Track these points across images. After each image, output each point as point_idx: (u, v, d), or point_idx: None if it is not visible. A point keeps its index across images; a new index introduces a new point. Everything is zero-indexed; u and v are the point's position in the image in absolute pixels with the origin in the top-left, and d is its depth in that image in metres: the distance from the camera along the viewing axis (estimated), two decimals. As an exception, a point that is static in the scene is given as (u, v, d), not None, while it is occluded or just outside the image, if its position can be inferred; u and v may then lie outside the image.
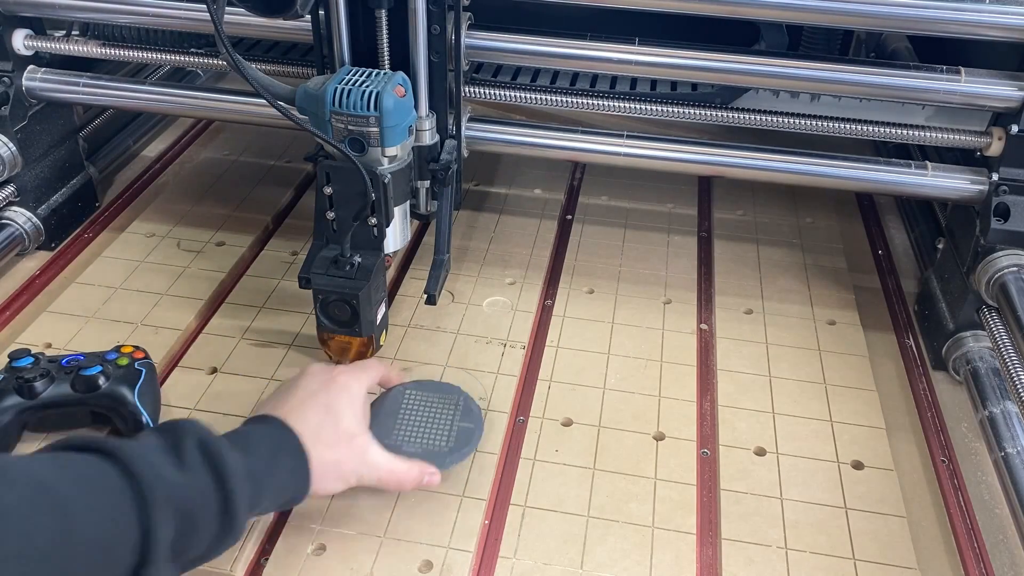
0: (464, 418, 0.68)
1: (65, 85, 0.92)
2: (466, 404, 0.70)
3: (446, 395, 0.71)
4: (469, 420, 0.68)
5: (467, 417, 0.69)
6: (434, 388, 0.71)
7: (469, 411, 0.69)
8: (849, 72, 0.80)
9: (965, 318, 0.80)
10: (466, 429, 0.68)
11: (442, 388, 0.72)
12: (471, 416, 0.69)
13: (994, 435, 0.71)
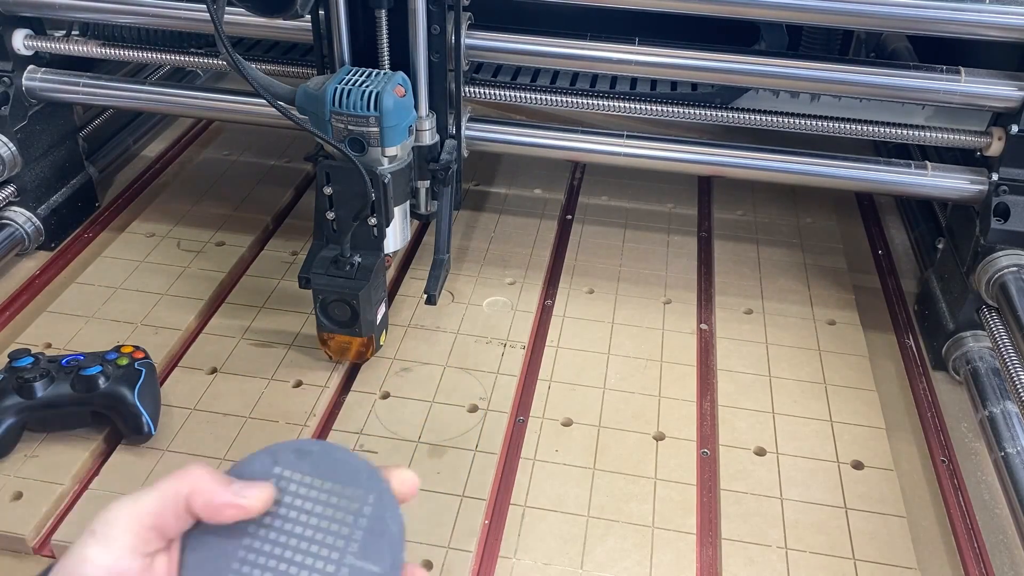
0: (367, 547, 0.36)
1: (65, 85, 0.92)
2: (377, 513, 0.37)
3: (346, 491, 0.37)
4: (375, 553, 0.36)
5: (372, 545, 0.36)
6: (328, 473, 0.38)
7: (379, 531, 0.36)
8: (849, 72, 0.80)
9: (965, 318, 0.80)
10: (367, 574, 0.36)
11: (341, 474, 0.38)
12: (381, 542, 0.36)
13: (994, 435, 0.71)
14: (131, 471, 0.68)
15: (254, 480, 0.36)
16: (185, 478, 0.35)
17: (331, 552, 0.36)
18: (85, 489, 0.66)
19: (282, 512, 0.36)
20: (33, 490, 0.66)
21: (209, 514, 0.35)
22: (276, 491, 0.36)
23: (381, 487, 0.37)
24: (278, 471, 0.37)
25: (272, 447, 0.38)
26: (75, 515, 0.64)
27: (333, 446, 0.38)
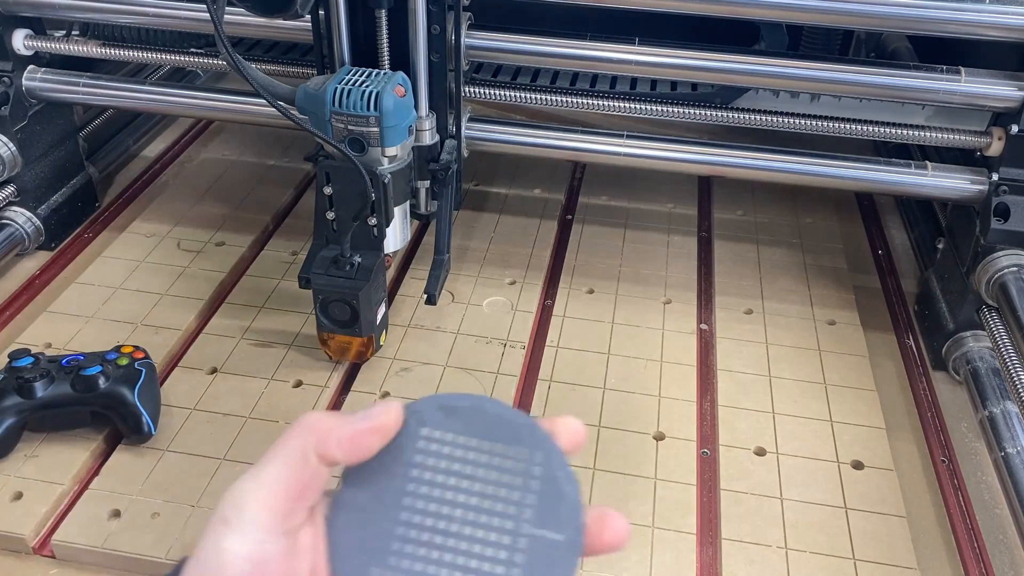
0: (544, 513, 0.32)
1: (65, 85, 0.92)
2: (548, 474, 0.32)
3: (509, 451, 0.33)
4: (554, 520, 0.32)
5: (550, 511, 0.32)
6: (483, 431, 0.33)
7: (554, 494, 0.32)
8: (849, 72, 0.80)
9: (965, 318, 0.80)
10: (547, 545, 0.31)
11: (499, 432, 0.33)
12: (559, 507, 0.32)
13: (994, 435, 0.71)
14: (131, 471, 0.68)
15: (399, 444, 0.32)
16: (303, 430, 0.31)
17: (504, 521, 0.31)
18: (85, 489, 0.66)
19: (439, 480, 0.32)
20: (33, 490, 0.66)
21: (348, 450, 0.31)
22: (422, 445, 0.32)
23: (548, 443, 0.32)
24: (426, 432, 0.32)
25: (413, 405, 0.33)
26: (75, 515, 0.64)
27: (483, 398, 0.33)
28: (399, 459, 0.32)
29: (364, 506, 0.31)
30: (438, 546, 0.31)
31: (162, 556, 0.61)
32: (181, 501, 0.65)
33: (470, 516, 0.31)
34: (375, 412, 0.31)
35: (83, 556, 0.62)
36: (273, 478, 0.30)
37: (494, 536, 0.31)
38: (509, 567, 0.31)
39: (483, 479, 0.32)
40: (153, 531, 0.63)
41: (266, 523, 0.29)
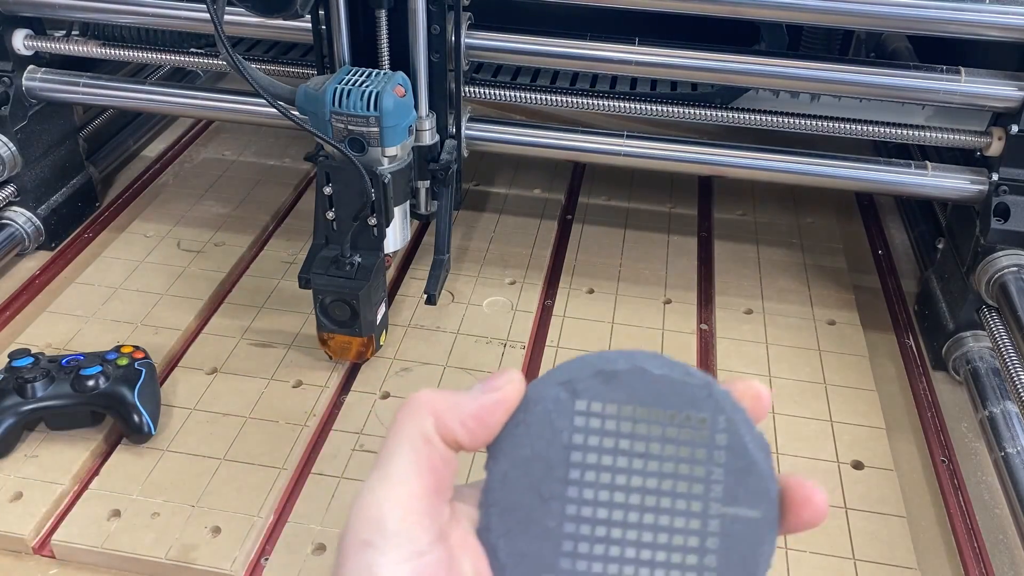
0: (735, 487, 0.28)
1: (65, 85, 0.92)
2: (735, 441, 0.28)
3: (686, 418, 0.28)
4: (747, 495, 0.27)
5: (741, 485, 0.28)
6: (651, 397, 0.28)
7: (744, 464, 0.28)
8: (849, 72, 0.79)
9: (965, 318, 0.80)
10: (743, 525, 0.27)
11: (670, 396, 0.28)
12: (751, 479, 0.28)
13: (994, 435, 0.71)
14: (131, 471, 0.67)
15: (552, 423, 0.27)
16: (418, 411, 0.26)
17: (690, 503, 0.27)
18: (85, 489, 0.66)
19: (607, 462, 0.27)
20: (33, 490, 0.66)
21: (474, 430, 0.26)
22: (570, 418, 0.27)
23: (730, 404, 0.28)
24: (583, 406, 0.27)
25: (560, 372, 0.28)
26: (75, 515, 0.64)
27: (641, 355, 0.28)
28: (555, 442, 0.27)
29: (520, 504, 0.27)
30: (616, 541, 0.27)
31: (162, 556, 0.61)
32: (181, 501, 0.65)
33: (649, 501, 0.27)
34: (496, 383, 0.27)
35: (83, 556, 0.62)
36: (405, 475, 0.25)
37: (680, 521, 0.27)
38: (702, 555, 0.27)
39: (659, 455, 0.27)
40: (153, 531, 0.63)
41: (416, 532, 0.25)
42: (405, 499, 0.25)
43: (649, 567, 0.27)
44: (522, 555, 0.27)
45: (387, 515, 0.25)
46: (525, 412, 0.27)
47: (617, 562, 0.27)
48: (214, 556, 0.61)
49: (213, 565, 0.61)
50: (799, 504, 0.27)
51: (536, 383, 0.28)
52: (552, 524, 0.27)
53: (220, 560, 0.61)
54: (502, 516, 0.27)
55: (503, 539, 0.27)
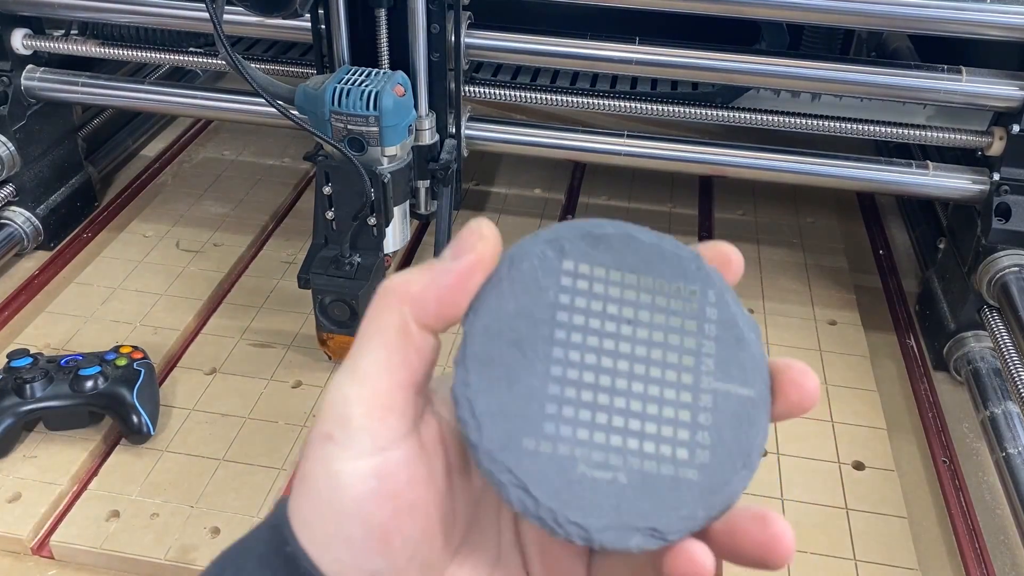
0: (726, 363, 0.26)
1: (64, 85, 0.91)
2: (726, 316, 0.26)
3: (677, 289, 0.26)
4: (739, 372, 0.26)
5: (733, 361, 0.26)
6: (641, 264, 0.27)
7: (735, 340, 0.26)
8: (850, 71, 0.79)
9: (966, 318, 0.80)
10: (736, 402, 0.26)
11: (659, 265, 0.27)
12: (743, 356, 0.26)
13: (995, 435, 0.71)
14: (130, 472, 0.67)
15: (538, 281, 0.25)
16: (393, 300, 0.25)
17: (681, 375, 0.25)
18: (84, 490, 0.66)
19: (595, 325, 0.25)
20: (31, 491, 0.65)
21: (452, 303, 0.24)
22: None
23: (719, 280, 0.26)
24: (570, 266, 0.25)
25: (548, 233, 0.26)
26: (74, 516, 0.64)
27: (631, 226, 0.27)
28: (541, 299, 0.25)
29: (503, 360, 0.24)
30: (604, 407, 0.24)
31: (161, 557, 0.61)
32: (180, 502, 0.65)
33: (639, 369, 0.25)
34: (466, 243, 0.25)
35: (82, 557, 0.62)
36: (375, 371, 0.24)
37: (671, 393, 0.25)
38: (694, 430, 0.25)
39: (648, 323, 0.25)
40: (152, 532, 0.63)
41: (381, 429, 0.24)
42: (371, 396, 0.24)
43: (638, 438, 0.25)
44: (502, 413, 0.24)
45: (351, 411, 0.24)
46: (509, 267, 0.25)
47: (604, 430, 0.24)
48: (213, 557, 0.61)
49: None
50: (788, 386, 0.26)
51: (521, 242, 0.26)
52: (536, 384, 0.24)
53: (219, 561, 0.61)
54: (481, 371, 0.24)
55: (483, 395, 0.24)
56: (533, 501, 0.24)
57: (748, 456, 0.25)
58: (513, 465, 0.24)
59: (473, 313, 0.25)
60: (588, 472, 0.24)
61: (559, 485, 0.24)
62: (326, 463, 0.24)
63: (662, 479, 0.24)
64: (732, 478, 0.25)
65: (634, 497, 0.24)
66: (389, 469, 0.24)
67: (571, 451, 0.24)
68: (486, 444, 0.24)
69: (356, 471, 0.24)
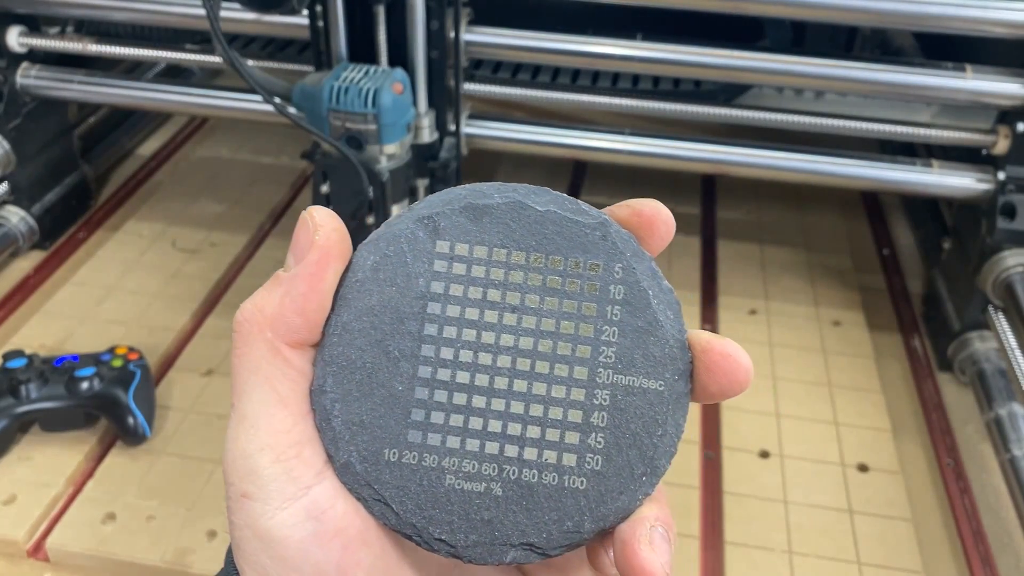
0: (631, 351, 0.23)
1: (60, 82, 0.91)
2: (634, 294, 0.24)
3: (574, 266, 0.23)
4: (646, 361, 0.23)
5: (640, 348, 0.23)
6: (532, 239, 0.23)
7: (645, 323, 0.23)
8: (853, 69, 0.79)
9: (971, 318, 0.79)
10: (640, 397, 0.23)
11: (555, 238, 0.23)
12: (652, 340, 0.23)
13: (1001, 437, 0.71)
14: (125, 473, 0.67)
15: (404, 267, 0.22)
16: (251, 329, 0.22)
17: (573, 368, 0.22)
18: (79, 492, 0.66)
19: (471, 316, 0.22)
20: (26, 493, 0.65)
21: (316, 310, 0.22)
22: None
23: (630, 247, 0.23)
24: (444, 248, 0.23)
25: (422, 206, 0.23)
26: (69, 518, 0.63)
27: (524, 189, 0.23)
28: (408, 290, 0.22)
29: (363, 363, 0.22)
30: (479, 411, 0.22)
31: (157, 560, 0.60)
32: (176, 504, 0.64)
33: (522, 365, 0.22)
34: (303, 240, 0.22)
35: (77, 560, 0.61)
36: (265, 410, 0.22)
37: (560, 390, 0.22)
38: (586, 432, 0.22)
39: (536, 310, 0.22)
40: (148, 535, 0.62)
41: (296, 466, 0.22)
42: (271, 438, 0.22)
43: (517, 443, 0.22)
44: (361, 424, 0.22)
45: (257, 462, 0.22)
46: (372, 255, 0.22)
47: (478, 436, 0.22)
48: (210, 560, 0.60)
49: (209, 570, 0.60)
50: (707, 373, 0.23)
51: (390, 220, 0.23)
52: (400, 388, 0.22)
53: (216, 565, 0.59)
54: (339, 376, 0.22)
55: (340, 403, 0.22)
56: (395, 516, 0.22)
57: (652, 460, 0.22)
58: (373, 479, 0.22)
59: (333, 311, 0.23)
60: (457, 484, 0.22)
61: (423, 499, 0.22)
62: (254, 524, 0.22)
63: (544, 489, 0.22)
64: (629, 485, 0.22)
65: (509, 510, 0.22)
66: (322, 505, 0.22)
67: (438, 461, 0.22)
68: (343, 456, 0.22)
69: (287, 521, 0.22)
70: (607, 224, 0.23)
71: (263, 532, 0.22)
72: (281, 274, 0.22)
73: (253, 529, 0.22)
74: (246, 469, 0.22)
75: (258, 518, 0.22)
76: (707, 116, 0.84)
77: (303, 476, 0.22)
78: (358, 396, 0.22)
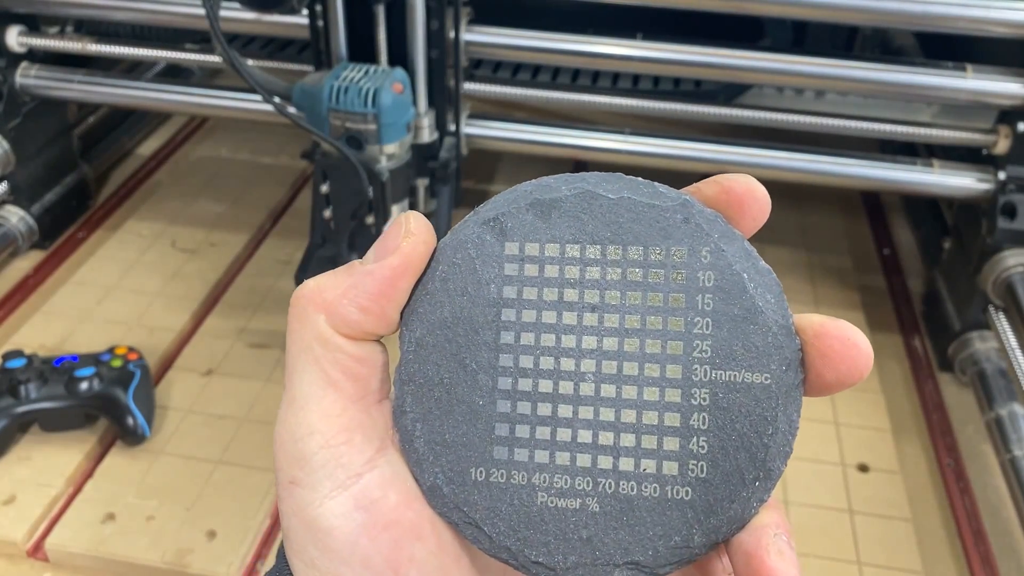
0: (729, 343, 0.21)
1: (59, 82, 0.90)
2: (727, 280, 0.21)
3: (656, 255, 0.21)
4: (747, 352, 0.21)
5: (738, 339, 0.21)
6: (607, 231, 0.21)
7: (742, 310, 0.21)
8: (854, 68, 0.78)
9: (972, 318, 0.79)
10: (743, 393, 0.21)
11: (633, 227, 0.21)
12: (753, 329, 0.21)
13: (1001, 437, 0.70)
14: (125, 474, 0.67)
15: (474, 274, 0.21)
16: (305, 317, 0.21)
17: (664, 367, 0.20)
18: (79, 492, 0.65)
19: (548, 320, 0.21)
20: (26, 493, 0.65)
21: (379, 309, 0.21)
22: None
23: (718, 231, 0.21)
24: (514, 250, 0.21)
25: (487, 208, 0.22)
26: (69, 518, 0.63)
27: (594, 178, 0.22)
28: (480, 298, 0.21)
29: (441, 378, 0.21)
30: (566, 421, 0.21)
31: (157, 561, 0.60)
32: (176, 504, 0.64)
33: (608, 368, 0.20)
34: (391, 242, 0.21)
35: (77, 560, 0.61)
36: (317, 392, 0.21)
37: (653, 392, 0.20)
38: (686, 436, 0.20)
39: (619, 307, 0.21)
40: (148, 535, 0.62)
41: (346, 454, 0.21)
42: (321, 422, 0.21)
43: (612, 454, 0.20)
44: (444, 443, 0.21)
45: (307, 445, 0.21)
46: (441, 264, 0.22)
47: (568, 449, 0.20)
48: (210, 561, 0.60)
49: (209, 570, 0.60)
50: (823, 359, 0.20)
51: (456, 228, 0.22)
52: (481, 402, 0.21)
53: (216, 565, 0.60)
54: (418, 394, 0.21)
55: (421, 423, 0.21)
56: (488, 540, 0.21)
57: (764, 462, 0.20)
58: (462, 501, 0.21)
59: (405, 326, 0.22)
60: (550, 501, 0.20)
61: (515, 520, 0.21)
62: (301, 512, 0.21)
63: (644, 502, 0.20)
64: (741, 492, 0.20)
65: (609, 527, 0.20)
66: (372, 495, 0.21)
67: (527, 478, 0.21)
68: (429, 479, 0.21)
69: (335, 510, 0.21)
70: (688, 205, 0.21)
71: (310, 521, 0.21)
72: (357, 265, 0.22)
73: (300, 517, 0.21)
74: (295, 453, 0.21)
75: (306, 506, 0.21)
76: (707, 116, 0.84)
77: (353, 463, 0.21)
78: (439, 414, 0.21)
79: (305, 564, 0.21)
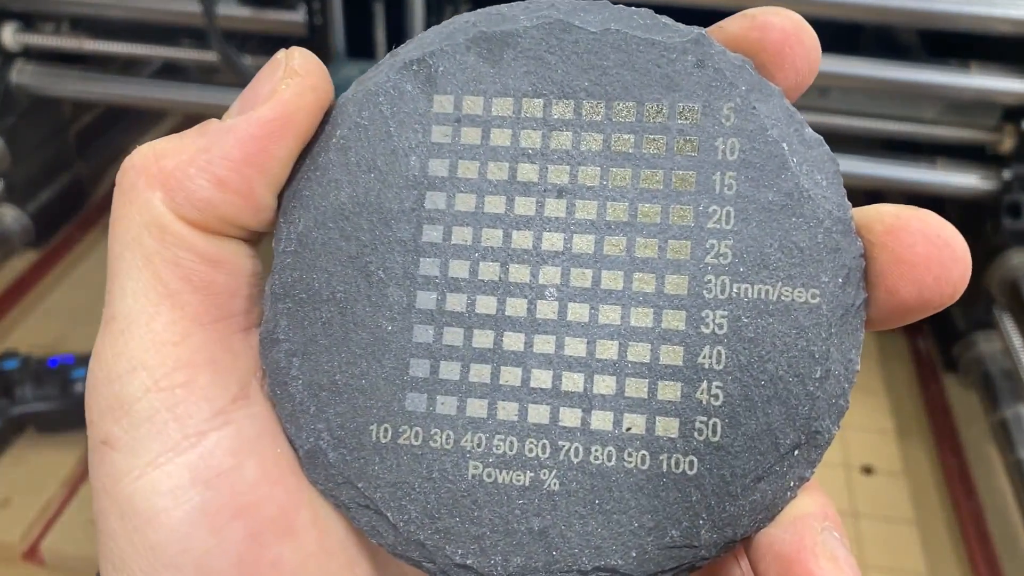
0: (761, 246, 0.14)
1: (55, 80, 0.90)
2: (761, 151, 0.14)
3: (654, 116, 0.14)
4: (789, 258, 0.14)
5: (775, 240, 0.14)
6: (584, 76, 0.14)
7: (783, 197, 0.14)
8: (857, 66, 0.78)
9: (977, 319, 0.79)
10: (781, 316, 0.14)
11: (620, 72, 0.14)
12: (799, 223, 0.14)
13: (1006, 439, 0.70)
14: (121, 477, 0.66)
15: (389, 142, 0.15)
16: (132, 189, 0.15)
17: (662, 279, 0.14)
18: (73, 495, 0.65)
19: (493, 210, 0.14)
20: (21, 496, 0.64)
21: (245, 184, 0.14)
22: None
23: (742, 79, 0.16)
24: (446, 105, 0.15)
25: (411, 46, 0.15)
26: (64, 521, 0.63)
27: (560, 4, 0.15)
28: (393, 177, 0.15)
29: (331, 294, 0.15)
30: (516, 357, 0.14)
31: (152, 565, 0.60)
32: (172, 508, 0.64)
33: (579, 279, 0.14)
34: (264, 87, 0.14)
35: (73, 563, 0.61)
36: (145, 308, 0.14)
37: (644, 316, 0.14)
38: (693, 382, 0.14)
39: (597, 191, 0.14)
40: (143, 539, 0.61)
41: (185, 400, 0.14)
42: (148, 353, 0.14)
43: (580, 406, 0.13)
44: (333, 387, 0.15)
45: (125, 388, 0.14)
46: (339, 125, 0.15)
47: (516, 398, 0.14)
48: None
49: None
50: (906, 257, 0.14)
51: (366, 74, 0.16)
52: (391, 328, 0.14)
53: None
54: (297, 315, 0.16)
55: (299, 358, 0.15)
56: (392, 532, 0.14)
57: (808, 421, 0.14)
58: (355, 473, 0.14)
59: (283, 215, 0.15)
60: (487, 475, 0.14)
61: (434, 502, 0.14)
62: (112, 485, 0.14)
63: (627, 478, 0.13)
64: (774, 466, 0.14)
65: (573, 514, 0.14)
66: (220, 464, 0.14)
67: (455, 441, 0.14)
68: (309, 440, 0.14)
69: (161, 486, 0.13)
70: (704, 42, 0.15)
71: (124, 500, 0.13)
72: (214, 122, 0.14)
73: (112, 496, 0.14)
74: (109, 399, 0.14)
75: (121, 477, 0.14)
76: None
77: (194, 415, 0.14)
78: (327, 345, 0.15)
79: (114, 567, 0.14)
